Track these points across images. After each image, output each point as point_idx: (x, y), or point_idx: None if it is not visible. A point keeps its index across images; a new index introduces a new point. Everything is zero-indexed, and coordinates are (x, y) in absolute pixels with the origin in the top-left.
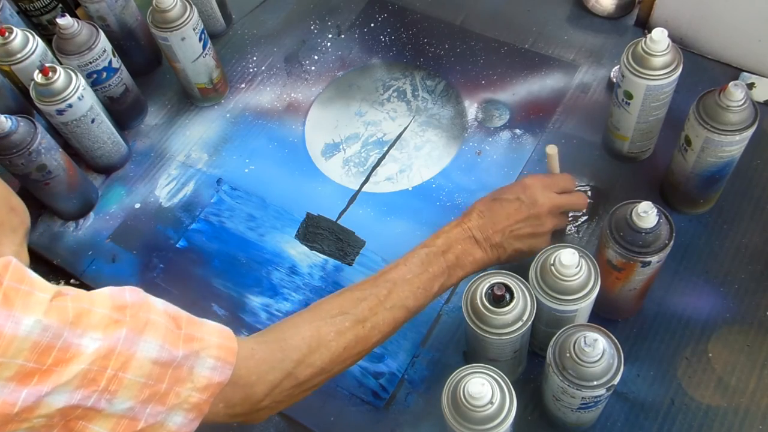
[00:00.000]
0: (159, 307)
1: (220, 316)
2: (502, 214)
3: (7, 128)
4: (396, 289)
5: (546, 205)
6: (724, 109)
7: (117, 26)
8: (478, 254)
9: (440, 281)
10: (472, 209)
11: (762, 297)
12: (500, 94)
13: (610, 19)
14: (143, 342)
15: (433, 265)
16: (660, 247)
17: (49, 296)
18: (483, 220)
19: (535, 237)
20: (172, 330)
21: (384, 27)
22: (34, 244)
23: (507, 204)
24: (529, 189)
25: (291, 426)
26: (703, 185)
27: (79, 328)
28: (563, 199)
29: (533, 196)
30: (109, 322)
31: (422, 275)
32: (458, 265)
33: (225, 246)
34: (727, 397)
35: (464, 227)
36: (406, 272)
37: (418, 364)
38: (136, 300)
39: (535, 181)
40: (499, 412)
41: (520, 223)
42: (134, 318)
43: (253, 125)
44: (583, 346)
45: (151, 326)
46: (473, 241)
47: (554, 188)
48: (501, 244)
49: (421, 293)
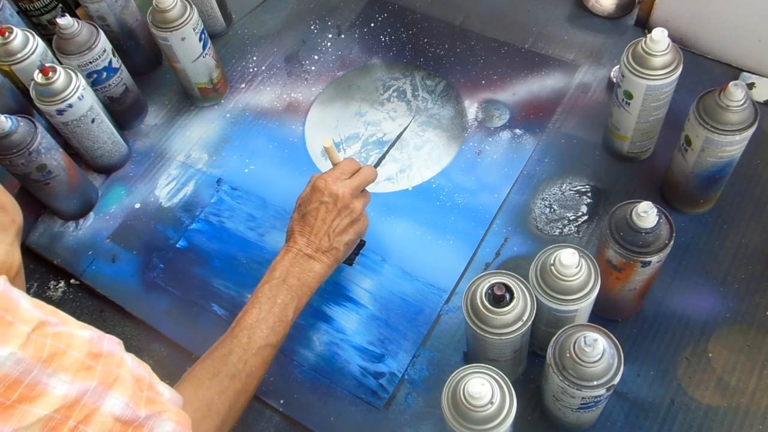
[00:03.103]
0: (129, 364)
1: (220, 315)
2: (317, 223)
3: (7, 128)
4: (255, 333)
5: (347, 193)
6: (724, 109)
7: (117, 26)
8: (317, 267)
9: (292, 307)
10: (291, 232)
11: (762, 297)
12: (500, 94)
13: (610, 19)
14: (110, 397)
15: (280, 296)
16: (660, 247)
17: (30, 328)
18: (305, 236)
19: (355, 222)
20: (136, 390)
21: (384, 27)
22: (34, 244)
23: (315, 212)
24: (326, 189)
25: (291, 426)
26: (703, 185)
27: (50, 367)
28: (357, 180)
29: (333, 192)
30: (80, 367)
31: (273, 309)
32: (303, 285)
33: (225, 246)
34: (727, 397)
35: (294, 251)
36: (258, 312)
37: (418, 364)
38: (111, 351)
39: (326, 179)
40: (499, 412)
41: (336, 220)
42: (106, 369)
43: (253, 125)
44: (583, 346)
45: (120, 382)
46: (307, 258)
47: (344, 176)
48: (331, 246)
49: (279, 325)
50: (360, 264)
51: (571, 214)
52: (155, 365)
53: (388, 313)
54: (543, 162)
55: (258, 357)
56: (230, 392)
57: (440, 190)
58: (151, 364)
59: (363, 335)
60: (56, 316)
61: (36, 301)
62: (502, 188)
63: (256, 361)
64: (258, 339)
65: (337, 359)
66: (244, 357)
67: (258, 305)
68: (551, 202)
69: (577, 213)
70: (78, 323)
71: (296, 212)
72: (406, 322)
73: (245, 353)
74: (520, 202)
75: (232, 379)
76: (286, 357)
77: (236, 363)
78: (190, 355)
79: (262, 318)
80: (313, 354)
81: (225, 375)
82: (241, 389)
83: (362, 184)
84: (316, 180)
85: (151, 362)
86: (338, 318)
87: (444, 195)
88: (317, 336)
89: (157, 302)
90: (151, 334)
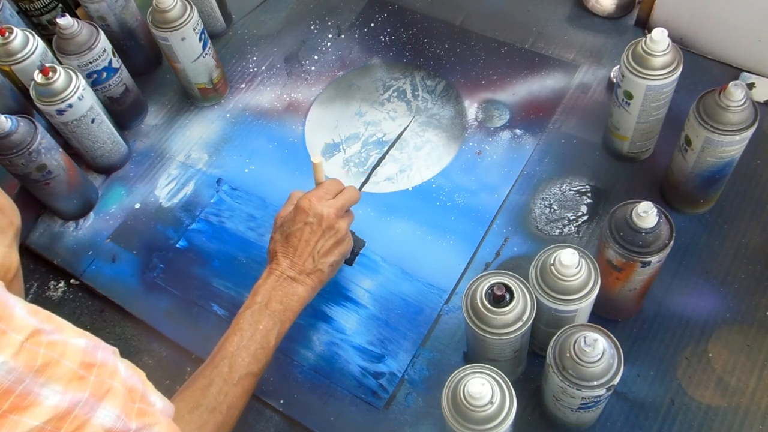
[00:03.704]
0: (122, 374)
1: (220, 315)
2: (301, 244)
3: (7, 128)
4: (236, 362)
5: (332, 214)
6: (724, 109)
7: (117, 26)
8: (300, 290)
9: (274, 333)
10: (274, 253)
11: (762, 297)
12: (500, 94)
13: (610, 19)
14: (101, 409)
15: (262, 322)
16: (660, 247)
17: (23, 337)
18: (288, 258)
19: (340, 244)
20: (128, 402)
21: (384, 27)
22: (34, 244)
23: (299, 233)
24: (310, 209)
25: (291, 426)
26: (703, 185)
27: (42, 377)
28: (341, 200)
29: (317, 213)
30: (73, 377)
31: (255, 336)
32: (286, 309)
33: (225, 246)
34: (727, 397)
35: (276, 273)
36: (240, 340)
37: (418, 364)
38: (105, 361)
39: (310, 199)
40: (499, 412)
41: (321, 241)
42: (98, 380)
43: (253, 125)
44: (583, 346)
45: (112, 393)
46: (290, 281)
47: (328, 196)
48: (315, 268)
49: (261, 353)
50: (360, 264)
51: (571, 214)
52: (155, 365)
53: (388, 313)
54: (543, 162)
55: (239, 387)
56: (210, 425)
57: (440, 190)
58: (151, 364)
59: (363, 335)
60: (52, 323)
61: (32, 307)
62: (502, 188)
63: (237, 391)
64: (239, 368)
65: (337, 359)
66: (225, 388)
67: (239, 332)
68: (551, 202)
69: (577, 213)
70: (74, 330)
71: (278, 233)
72: (406, 322)
73: (226, 384)
74: (520, 202)
75: (212, 413)
76: (286, 357)
77: (216, 395)
78: (190, 355)
79: (243, 345)
80: (313, 354)
81: (205, 408)
82: (221, 422)
83: (346, 205)
84: (300, 200)
85: (151, 362)
86: (338, 318)
87: (444, 195)
88: (317, 336)
89: (157, 302)
90: (151, 334)
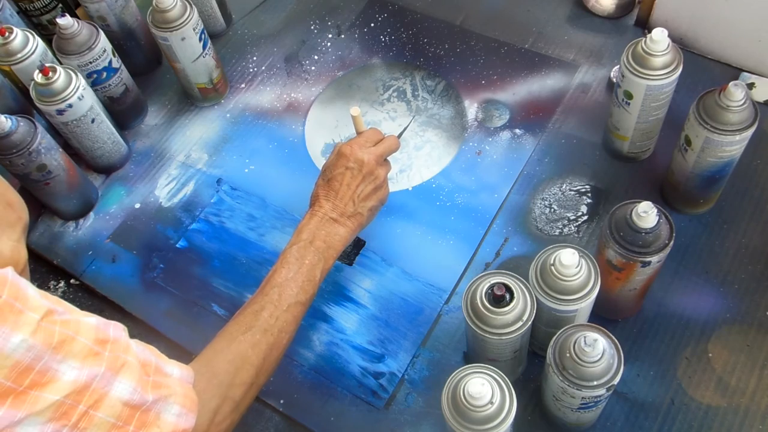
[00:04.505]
0: (134, 349)
1: (220, 315)
2: (343, 188)
3: (7, 128)
4: (285, 291)
5: (372, 160)
6: (724, 109)
7: (117, 26)
8: (342, 231)
9: (320, 268)
10: (316, 197)
11: (762, 297)
12: (500, 94)
13: (610, 19)
14: (118, 382)
15: (308, 257)
16: (660, 247)
17: (39, 316)
18: (330, 201)
19: (379, 189)
20: (142, 375)
21: (384, 27)
22: (34, 244)
23: (341, 177)
24: (351, 155)
25: (291, 426)
26: (703, 185)
27: (60, 353)
28: (381, 148)
29: (358, 159)
30: (88, 353)
31: (302, 269)
32: (329, 247)
33: (225, 246)
34: (727, 397)
35: (319, 215)
36: (287, 272)
37: (418, 364)
38: (117, 337)
39: (352, 146)
40: (499, 412)
41: (361, 185)
42: (113, 355)
43: (253, 125)
44: (583, 346)
45: (127, 367)
46: (332, 222)
47: (369, 144)
48: (356, 211)
49: (308, 284)
50: (360, 264)
51: (571, 214)
52: None
53: (388, 313)
54: (543, 162)
55: (289, 313)
56: (263, 345)
57: (440, 190)
58: None
59: (363, 335)
60: (62, 305)
61: (42, 292)
62: (502, 188)
63: (287, 317)
64: (288, 296)
65: (337, 359)
66: (276, 313)
67: (287, 265)
68: (551, 202)
69: (577, 213)
70: (83, 312)
71: (321, 178)
72: (406, 322)
73: (276, 309)
74: (520, 202)
75: (264, 333)
76: (286, 357)
77: (268, 318)
78: (190, 355)
79: (291, 277)
80: (313, 354)
81: (258, 329)
82: (273, 343)
83: (386, 153)
84: (342, 146)
85: None
86: (338, 318)
87: (444, 195)
88: (317, 336)
89: (157, 302)
90: (151, 334)
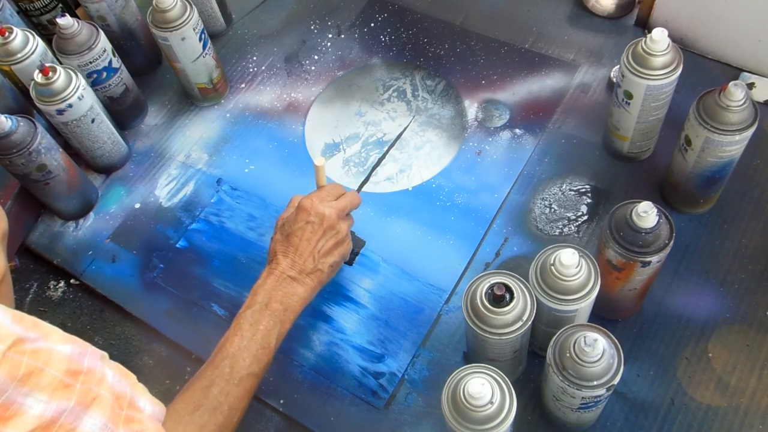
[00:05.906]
0: (109, 381)
1: (220, 315)
2: (302, 243)
3: (7, 128)
4: (237, 362)
5: (333, 214)
6: (724, 109)
7: (117, 26)
8: (300, 290)
9: (275, 333)
10: (274, 253)
11: (762, 297)
12: (500, 94)
13: (610, 19)
14: (88, 417)
15: (262, 322)
16: (660, 247)
17: (5, 346)
18: (288, 257)
19: (340, 245)
20: (115, 409)
21: (384, 27)
22: (34, 244)
23: (301, 232)
24: (312, 208)
25: (291, 426)
26: (703, 185)
27: (26, 386)
28: (343, 202)
29: (319, 213)
30: (58, 385)
31: (256, 336)
32: (286, 309)
33: (225, 246)
34: (727, 397)
35: (276, 273)
36: (240, 340)
37: (418, 364)
38: (92, 368)
39: (312, 199)
40: (499, 412)
41: (322, 240)
42: (85, 387)
43: (253, 125)
44: (583, 346)
45: (99, 401)
46: (290, 280)
47: (330, 198)
48: (316, 267)
49: (262, 353)
50: (360, 264)
51: (571, 214)
52: (155, 365)
53: (388, 313)
54: (543, 162)
55: (241, 387)
56: (211, 426)
57: (440, 190)
58: (151, 364)
59: (363, 335)
60: (37, 330)
61: (16, 314)
62: (502, 188)
63: (238, 391)
64: (240, 368)
65: (337, 359)
66: (226, 388)
67: (239, 332)
68: (551, 202)
69: (577, 213)
70: (61, 336)
71: (278, 233)
72: (406, 322)
73: (227, 384)
74: (520, 202)
75: (213, 413)
76: (286, 357)
77: (217, 395)
78: (189, 355)
79: (244, 346)
80: (313, 354)
81: (206, 409)
82: (223, 423)
83: (348, 207)
84: (302, 200)
85: (151, 362)
86: (338, 318)
87: (444, 195)
88: (317, 336)
89: (157, 302)
90: (151, 334)
